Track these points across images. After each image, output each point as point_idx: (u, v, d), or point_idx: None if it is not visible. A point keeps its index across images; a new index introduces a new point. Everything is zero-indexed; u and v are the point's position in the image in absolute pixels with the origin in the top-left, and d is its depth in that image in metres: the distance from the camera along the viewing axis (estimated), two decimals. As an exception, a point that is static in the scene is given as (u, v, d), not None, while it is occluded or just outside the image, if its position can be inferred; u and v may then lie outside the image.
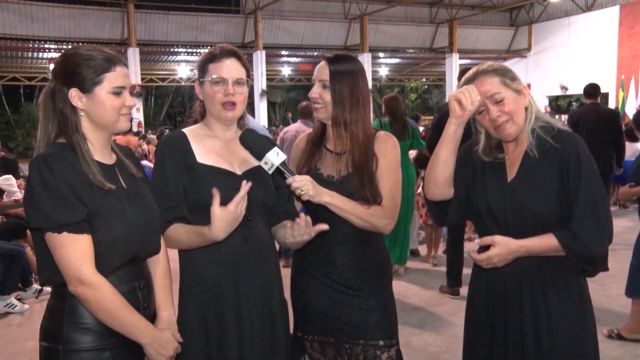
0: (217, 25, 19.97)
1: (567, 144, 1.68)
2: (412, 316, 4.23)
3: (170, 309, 1.70)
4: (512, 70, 1.77)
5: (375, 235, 1.93)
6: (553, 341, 1.70)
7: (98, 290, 1.44)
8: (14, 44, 16.98)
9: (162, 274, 1.71)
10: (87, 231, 1.44)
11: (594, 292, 1.87)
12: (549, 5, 23.02)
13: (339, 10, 21.83)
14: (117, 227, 1.49)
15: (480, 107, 1.73)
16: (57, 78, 1.53)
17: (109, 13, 18.41)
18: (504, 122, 1.71)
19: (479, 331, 1.84)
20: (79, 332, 1.49)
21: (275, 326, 1.80)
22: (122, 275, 1.54)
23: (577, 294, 1.74)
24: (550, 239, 1.65)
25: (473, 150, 1.86)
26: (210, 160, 1.75)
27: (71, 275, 1.43)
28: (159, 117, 25.18)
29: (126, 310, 1.49)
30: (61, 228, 1.41)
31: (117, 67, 1.54)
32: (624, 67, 19.67)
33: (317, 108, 1.91)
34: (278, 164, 1.69)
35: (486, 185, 1.78)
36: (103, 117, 1.54)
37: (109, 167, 1.58)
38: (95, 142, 1.56)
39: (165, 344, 1.56)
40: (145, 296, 1.60)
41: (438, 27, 23.51)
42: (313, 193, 1.73)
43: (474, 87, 1.69)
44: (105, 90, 1.52)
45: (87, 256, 1.44)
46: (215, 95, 1.74)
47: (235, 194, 1.70)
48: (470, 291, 1.92)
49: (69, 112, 1.52)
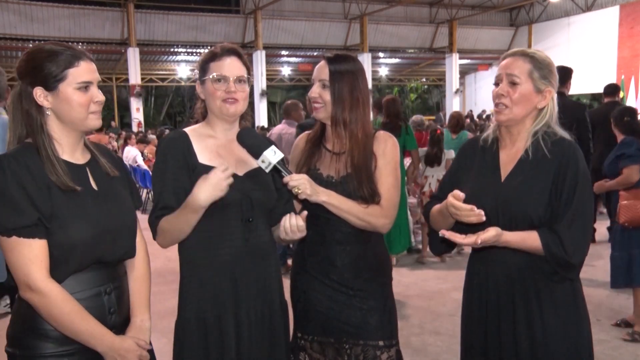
0: (217, 25, 19.99)
1: (567, 152, 1.69)
2: (412, 316, 4.22)
3: (144, 315, 1.64)
4: (552, 71, 1.76)
5: (375, 235, 1.93)
6: (547, 342, 1.70)
7: (46, 296, 1.39)
8: (14, 44, 17.00)
9: (139, 279, 1.65)
10: (38, 235, 1.39)
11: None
12: (549, 5, 23.03)
13: (339, 10, 21.85)
14: (75, 230, 1.44)
15: (498, 79, 1.76)
16: (22, 78, 1.49)
17: (109, 13, 18.43)
18: (503, 106, 1.73)
19: (473, 333, 1.84)
20: (37, 337, 1.45)
21: (275, 327, 1.79)
22: (85, 280, 1.48)
23: (571, 294, 1.74)
24: (532, 236, 1.65)
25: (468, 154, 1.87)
26: (211, 160, 1.74)
27: (20, 281, 1.40)
28: (159, 117, 25.19)
29: (79, 318, 1.43)
30: (10, 232, 1.38)
31: (82, 62, 1.48)
32: (624, 67, 19.67)
33: (317, 107, 1.91)
34: (275, 162, 1.68)
35: (479, 184, 1.78)
36: (70, 115, 1.48)
37: (78, 167, 1.53)
38: (63, 142, 1.51)
39: (125, 353, 1.50)
40: (112, 301, 1.53)
41: (438, 27, 23.53)
42: (310, 192, 1.72)
43: (472, 212, 1.63)
44: (71, 87, 1.46)
45: (36, 261, 1.39)
46: (216, 92, 1.74)
47: (236, 194, 1.70)
48: (464, 294, 1.91)
49: (34, 112, 1.47)
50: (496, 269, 1.75)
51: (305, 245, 1.96)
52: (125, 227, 1.58)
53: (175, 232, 1.68)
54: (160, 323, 1.63)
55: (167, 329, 1.78)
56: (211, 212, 1.69)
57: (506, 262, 1.74)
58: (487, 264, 1.79)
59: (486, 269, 1.80)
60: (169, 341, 1.76)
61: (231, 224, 1.70)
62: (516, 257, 1.71)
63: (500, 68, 1.78)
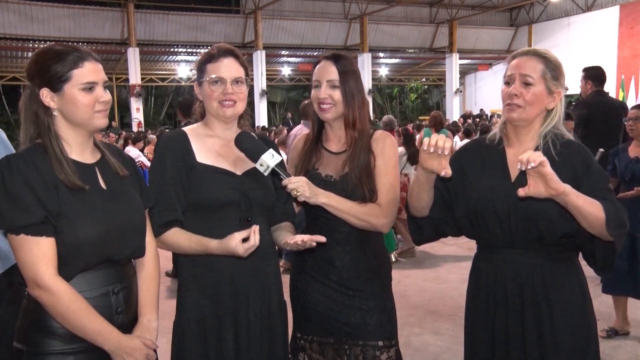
0: (217, 25, 19.99)
1: (577, 152, 1.68)
2: (411, 316, 4.22)
3: (151, 315, 1.64)
4: (563, 72, 1.75)
5: (374, 236, 1.93)
6: (556, 342, 1.69)
7: (54, 294, 1.41)
8: (14, 44, 16.99)
9: (147, 278, 1.66)
10: (47, 233, 1.41)
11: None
12: (549, 5, 23.04)
13: (339, 10, 21.85)
14: (83, 229, 1.45)
15: (509, 79, 1.73)
16: (30, 79, 1.51)
17: (109, 13, 18.43)
18: (515, 106, 1.70)
19: (479, 334, 1.82)
20: (43, 334, 1.46)
21: (274, 327, 1.79)
22: (93, 279, 1.50)
23: (580, 294, 1.73)
24: (594, 201, 1.56)
25: (464, 156, 1.85)
26: (210, 159, 1.74)
27: (29, 278, 1.42)
28: (158, 117, 25.16)
29: (87, 316, 1.44)
30: (18, 230, 1.40)
31: (86, 63, 1.50)
32: (624, 67, 19.67)
33: (326, 109, 1.89)
34: (273, 165, 1.68)
35: (487, 186, 1.75)
36: (76, 115, 1.50)
37: (87, 167, 1.54)
38: (72, 141, 1.53)
39: (132, 352, 1.51)
40: (119, 301, 1.54)
41: (438, 27, 23.53)
42: (309, 194, 1.73)
43: (449, 140, 1.59)
44: (75, 88, 1.48)
45: (45, 259, 1.40)
46: (213, 94, 1.74)
47: (234, 194, 1.71)
48: (469, 294, 1.89)
49: (41, 113, 1.49)
50: (505, 269, 1.73)
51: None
52: (134, 226, 1.59)
53: (178, 250, 1.72)
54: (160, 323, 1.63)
55: (166, 328, 1.78)
56: (209, 212, 1.70)
57: (516, 262, 1.71)
58: (496, 264, 1.76)
59: (494, 269, 1.76)
60: (168, 341, 1.76)
61: (230, 223, 1.70)
62: (528, 257, 1.70)
63: (512, 68, 1.74)
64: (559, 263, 1.71)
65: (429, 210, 1.82)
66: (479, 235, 1.81)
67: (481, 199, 1.74)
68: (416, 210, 1.84)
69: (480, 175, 1.78)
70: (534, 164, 1.44)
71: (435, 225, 1.87)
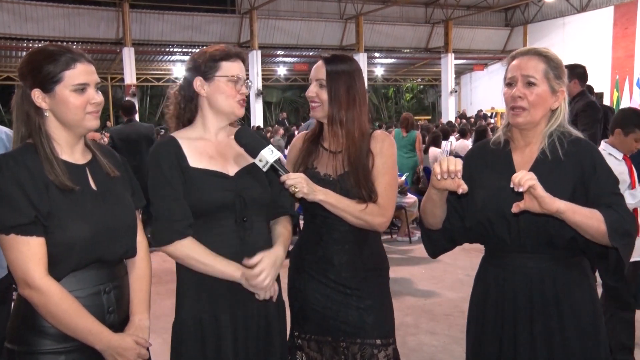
0: (212, 25, 19.94)
1: (585, 149, 1.66)
2: (408, 316, 4.23)
3: (143, 314, 1.64)
4: (565, 71, 1.71)
5: (372, 234, 1.93)
6: (565, 349, 1.65)
7: (44, 294, 1.41)
8: (7, 43, 16.88)
9: (139, 278, 1.67)
10: (36, 233, 1.41)
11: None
12: (544, 6, 23.10)
13: (335, 10, 21.83)
14: (73, 229, 1.45)
15: (511, 80, 1.69)
16: (23, 79, 1.51)
17: (104, 13, 18.35)
18: (520, 109, 1.66)
19: (485, 343, 1.76)
20: (36, 334, 1.46)
21: (271, 327, 1.79)
22: (84, 278, 1.50)
23: (590, 301, 1.69)
24: (594, 213, 1.54)
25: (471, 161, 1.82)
26: (202, 163, 1.74)
27: (19, 278, 1.42)
28: (154, 117, 25.10)
29: (77, 315, 1.45)
30: (8, 230, 1.40)
31: (78, 64, 1.50)
32: (619, 67, 19.75)
33: (314, 107, 1.93)
34: (272, 161, 1.69)
35: (497, 187, 1.70)
36: (67, 116, 1.50)
37: (77, 167, 1.54)
38: (62, 142, 1.53)
39: (123, 351, 1.51)
40: (111, 301, 1.55)
41: (433, 27, 23.55)
42: (307, 191, 1.73)
43: (459, 161, 1.57)
44: (67, 89, 1.48)
45: (35, 258, 1.41)
46: (231, 91, 1.75)
47: (228, 195, 1.70)
48: (475, 297, 1.84)
49: (33, 113, 1.49)
50: (515, 274, 1.68)
51: (303, 244, 1.97)
52: (125, 227, 1.59)
53: (186, 263, 1.70)
54: (156, 323, 1.62)
55: (163, 329, 1.78)
56: (206, 213, 1.70)
57: (526, 267, 1.67)
58: (505, 269, 1.72)
59: (504, 274, 1.72)
60: (164, 341, 1.76)
61: (226, 223, 1.71)
62: (538, 261, 1.66)
63: (513, 68, 1.70)
64: (571, 268, 1.68)
65: (442, 222, 1.81)
66: (487, 240, 1.77)
67: (489, 203, 1.70)
68: (430, 225, 1.83)
69: (488, 179, 1.75)
70: (523, 189, 1.45)
71: (450, 235, 1.84)
